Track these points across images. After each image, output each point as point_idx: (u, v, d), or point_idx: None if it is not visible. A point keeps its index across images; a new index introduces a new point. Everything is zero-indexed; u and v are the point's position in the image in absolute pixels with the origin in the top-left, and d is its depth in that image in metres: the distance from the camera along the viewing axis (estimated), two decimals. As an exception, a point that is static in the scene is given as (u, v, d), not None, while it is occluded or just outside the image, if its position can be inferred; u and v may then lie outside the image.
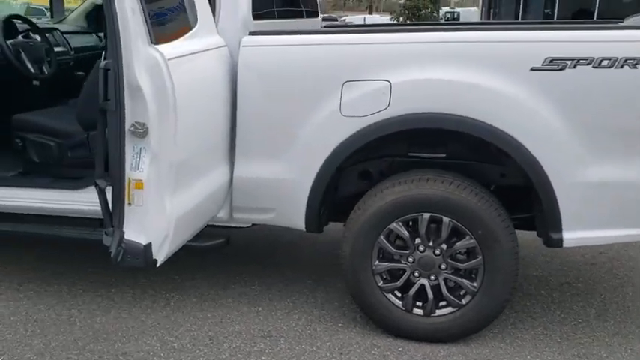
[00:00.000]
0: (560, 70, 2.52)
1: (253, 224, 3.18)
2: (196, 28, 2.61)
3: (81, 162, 3.33)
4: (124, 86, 2.20)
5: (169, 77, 2.25)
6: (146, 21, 2.23)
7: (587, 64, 2.50)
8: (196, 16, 2.64)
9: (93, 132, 3.22)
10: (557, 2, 21.28)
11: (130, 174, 2.30)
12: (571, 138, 2.58)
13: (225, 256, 3.82)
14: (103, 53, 2.42)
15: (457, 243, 2.77)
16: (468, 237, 2.74)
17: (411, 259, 2.85)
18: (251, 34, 2.82)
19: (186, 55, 2.43)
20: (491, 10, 23.46)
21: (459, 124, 2.62)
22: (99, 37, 4.61)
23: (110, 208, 2.41)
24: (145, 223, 2.33)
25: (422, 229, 2.78)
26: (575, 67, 2.51)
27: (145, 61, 2.22)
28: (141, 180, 2.28)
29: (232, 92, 2.83)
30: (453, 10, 30.44)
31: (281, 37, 2.80)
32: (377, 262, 2.86)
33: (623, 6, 20.90)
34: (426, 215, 2.75)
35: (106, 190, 2.43)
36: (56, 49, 3.96)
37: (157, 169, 2.31)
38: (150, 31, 2.24)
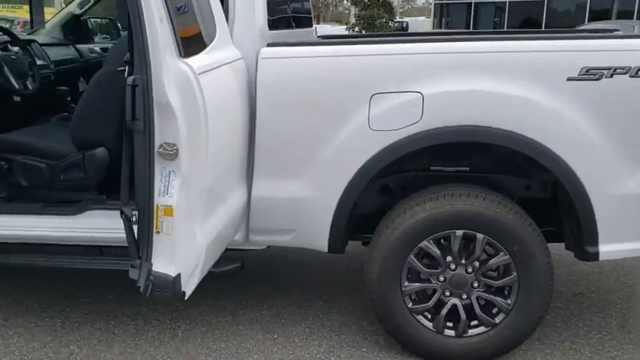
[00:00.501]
0: (597, 80, 2.45)
1: (268, 246, 3.00)
2: (216, 39, 2.43)
3: (75, 185, 3.07)
4: (153, 104, 1.99)
5: (200, 93, 2.06)
6: (174, 31, 2.03)
7: (624, 73, 2.44)
8: (215, 27, 2.45)
9: (89, 151, 3.01)
10: (507, 11, 21.95)
11: (159, 199, 2.08)
12: (608, 149, 2.51)
13: (228, 279, 3.60)
14: (126, 68, 2.20)
15: (491, 260, 2.67)
16: (502, 253, 2.64)
17: (441, 279, 2.73)
18: (269, 45, 2.65)
19: (213, 69, 2.24)
20: (443, 19, 23.93)
21: (494, 137, 2.52)
22: (77, 49, 4.32)
23: (136, 237, 2.18)
24: (175, 252, 2.12)
25: (454, 246, 2.67)
26: (612, 76, 2.45)
27: (175, 76, 2.02)
28: (170, 206, 2.07)
29: (250, 107, 2.65)
30: (401, 20, 30.75)
31: (303, 48, 2.64)
32: (406, 282, 2.73)
33: (569, 16, 21.78)
34: (459, 232, 2.64)
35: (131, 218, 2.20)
36: (37, 63, 3.67)
37: (188, 194, 2.10)
38: (179, 42, 2.04)
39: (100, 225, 2.93)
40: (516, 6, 22.24)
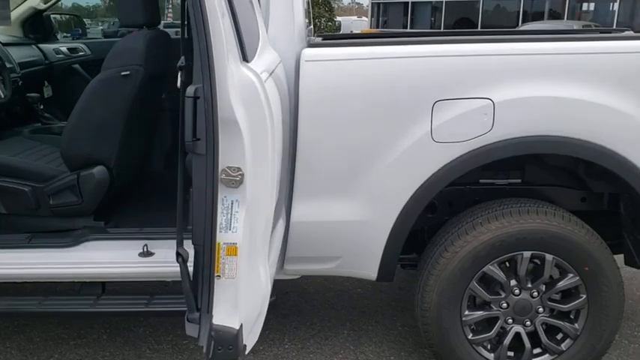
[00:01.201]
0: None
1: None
2: (261, 40, 2.04)
3: (67, 210, 2.60)
4: (218, 120, 1.59)
5: (267, 104, 1.68)
6: (237, 29, 1.64)
7: None
8: (257, 25, 2.06)
9: (85, 171, 2.55)
10: (443, 11, 22.26)
11: (221, 236, 1.68)
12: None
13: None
14: (179, 74, 1.77)
15: (559, 282, 2.42)
16: (571, 275, 2.40)
17: (504, 305, 2.46)
18: (311, 45, 2.28)
19: (269, 75, 1.86)
20: (380, 19, 23.93)
21: (572, 148, 2.26)
22: (40, 49, 3.76)
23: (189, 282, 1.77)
24: (238, 299, 1.73)
25: (521, 269, 2.40)
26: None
27: (240, 85, 1.63)
28: (234, 243, 1.68)
29: (290, 118, 2.28)
30: (334, 20, 30.55)
31: (352, 49, 2.28)
32: (467, 311, 2.44)
33: (503, 16, 22.32)
34: (527, 254, 2.37)
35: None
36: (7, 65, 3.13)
37: (252, 227, 1.71)
38: (242, 42, 1.65)
39: (103, 258, 2.49)
40: (452, 6, 22.58)
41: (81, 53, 4.05)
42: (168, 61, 2.75)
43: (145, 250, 2.47)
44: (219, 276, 1.70)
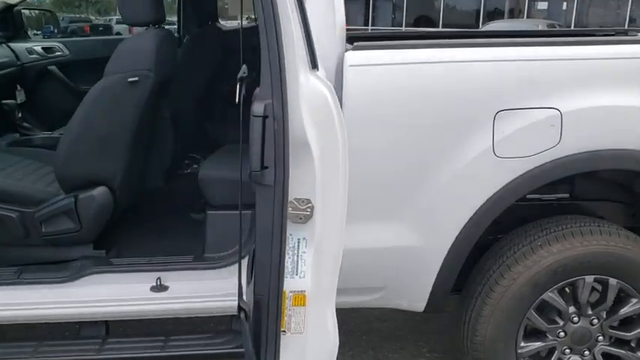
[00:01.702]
0: None
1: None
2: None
3: (63, 239, 2.24)
4: (289, 142, 1.28)
5: (340, 122, 1.38)
6: (307, 31, 1.33)
7: None
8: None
9: (84, 193, 2.21)
10: (404, 9, 22.21)
11: (286, 283, 1.38)
12: None
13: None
14: (238, 88, 1.44)
15: (622, 309, 2.21)
16: (636, 300, 2.19)
17: (562, 334, 2.23)
18: (354, 48, 1.99)
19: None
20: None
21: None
22: (12, 49, 3.34)
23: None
24: (305, 356, 1.43)
25: (582, 296, 2.18)
26: None
27: (310, 100, 1.33)
28: (302, 291, 1.39)
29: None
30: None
31: (403, 52, 2.00)
32: (523, 342, 2.21)
33: (464, 15, 22.42)
34: (589, 278, 2.15)
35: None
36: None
37: (321, 269, 1.42)
38: (312, 46, 1.34)
39: (108, 295, 2.15)
40: (413, 4, 22.56)
41: (58, 53, 3.64)
42: (175, 65, 2.42)
43: (159, 283, 2.14)
44: (284, 331, 1.40)
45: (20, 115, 3.01)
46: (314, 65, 1.38)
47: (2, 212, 2.20)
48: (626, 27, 15.29)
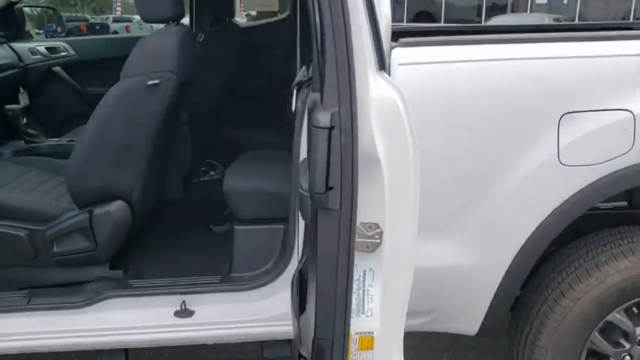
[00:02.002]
0: None
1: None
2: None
3: (77, 259, 2.03)
4: (358, 158, 1.07)
5: (412, 132, 1.17)
6: (376, 27, 1.12)
7: None
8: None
9: (99, 208, 2.00)
10: (406, 4, 21.95)
11: (352, 323, 1.17)
12: None
13: None
14: (295, 94, 1.21)
15: (692, 330, 2.01)
16: None
17: (627, 358, 2.03)
18: (401, 44, 1.78)
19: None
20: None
21: None
22: (13, 49, 3.12)
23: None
24: (372, 411, 1.22)
25: (652, 316, 1.98)
26: None
27: (380, 108, 1.12)
28: (370, 332, 1.18)
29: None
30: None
31: (456, 48, 1.79)
32: (585, 367, 2.01)
33: (467, 10, 22.21)
34: (659, 297, 1.95)
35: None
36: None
37: (390, 307, 1.21)
38: (381, 44, 1.14)
39: (127, 321, 1.95)
40: (415, -1, 22.34)
41: (62, 53, 3.42)
42: (194, 66, 2.21)
43: (183, 307, 1.93)
44: (349, 379, 1.20)
45: (25, 120, 2.80)
46: (382, 66, 1.18)
47: (9, 230, 1.99)
48: (631, 20, 15.10)
